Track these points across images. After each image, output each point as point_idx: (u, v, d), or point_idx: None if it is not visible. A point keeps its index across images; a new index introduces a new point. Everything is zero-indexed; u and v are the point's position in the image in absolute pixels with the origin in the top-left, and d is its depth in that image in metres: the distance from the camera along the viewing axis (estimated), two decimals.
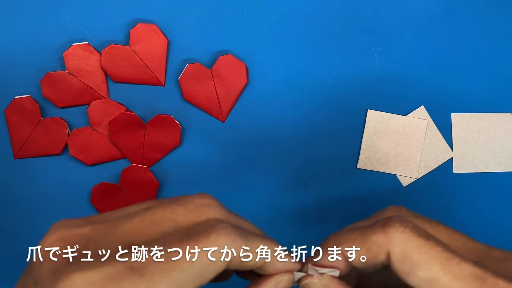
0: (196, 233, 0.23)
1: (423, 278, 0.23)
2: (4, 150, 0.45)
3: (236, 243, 0.23)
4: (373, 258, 0.25)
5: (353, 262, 0.26)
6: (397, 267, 0.24)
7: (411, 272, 0.23)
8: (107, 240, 0.23)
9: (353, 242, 0.25)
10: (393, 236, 0.24)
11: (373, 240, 0.25)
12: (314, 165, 0.45)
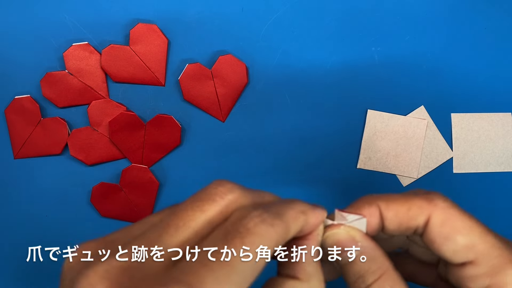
0: (236, 230, 0.21)
1: (462, 243, 0.24)
2: (4, 150, 0.45)
3: (277, 237, 0.22)
4: (410, 220, 0.25)
5: (386, 222, 0.26)
6: (436, 231, 0.25)
7: (451, 236, 0.24)
8: (146, 265, 0.21)
9: (394, 200, 0.26)
10: (437, 202, 0.25)
11: (415, 202, 0.25)
12: (314, 165, 0.45)
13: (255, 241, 0.21)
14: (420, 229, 0.25)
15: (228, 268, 0.20)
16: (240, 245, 0.21)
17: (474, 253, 0.24)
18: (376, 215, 0.26)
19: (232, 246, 0.21)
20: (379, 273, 0.25)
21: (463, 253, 0.24)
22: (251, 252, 0.21)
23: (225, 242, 0.21)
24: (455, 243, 0.24)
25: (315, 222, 0.25)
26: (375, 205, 0.26)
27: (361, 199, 0.27)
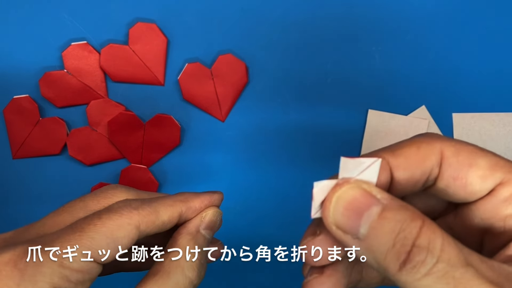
0: (101, 210, 0.25)
1: (485, 165, 0.21)
2: (3, 150, 0.45)
3: (140, 211, 0.24)
4: (424, 161, 0.22)
5: (398, 173, 0.22)
6: (454, 162, 0.22)
7: (472, 162, 0.21)
8: (26, 236, 0.26)
9: (399, 146, 0.22)
10: (441, 137, 0.22)
11: (423, 140, 0.22)
12: (314, 165, 0.45)
13: (115, 218, 0.23)
14: (435, 170, 0.22)
15: (80, 234, 0.23)
16: (98, 220, 0.23)
17: (501, 170, 0.21)
18: (385, 167, 0.21)
19: (91, 220, 0.24)
20: (420, 219, 0.19)
21: (491, 175, 0.21)
22: (111, 226, 0.23)
23: (85, 219, 0.24)
24: (480, 167, 0.21)
25: (198, 206, 0.27)
26: (379, 155, 0.22)
27: (363, 155, 0.22)
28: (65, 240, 0.23)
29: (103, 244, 0.23)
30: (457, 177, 0.21)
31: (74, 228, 0.23)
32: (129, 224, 0.24)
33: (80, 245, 0.23)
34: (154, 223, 0.25)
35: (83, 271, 0.23)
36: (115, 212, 0.24)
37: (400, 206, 0.20)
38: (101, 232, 0.23)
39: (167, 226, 0.26)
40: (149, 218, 0.25)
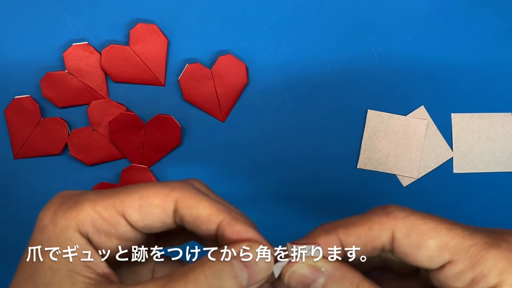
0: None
1: (434, 246, 0.23)
2: (4, 150, 0.45)
3: (184, 191, 0.24)
4: (375, 240, 0.24)
5: (346, 249, 0.25)
6: (404, 243, 0.24)
7: (421, 243, 0.23)
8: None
9: (352, 224, 0.25)
10: (395, 214, 0.24)
11: (375, 220, 0.24)
12: (314, 165, 0.45)
13: (156, 187, 0.25)
14: (387, 246, 0.24)
15: (125, 192, 0.25)
16: (145, 184, 0.25)
17: (449, 252, 0.23)
18: (336, 243, 0.25)
19: (143, 183, 0.25)
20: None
21: (438, 255, 0.23)
22: (149, 190, 0.24)
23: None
24: (428, 249, 0.23)
25: (237, 230, 0.24)
26: (333, 233, 0.25)
27: (318, 228, 0.26)
28: (108, 192, 0.24)
29: (135, 205, 0.24)
30: (408, 255, 0.24)
31: (122, 187, 0.25)
32: (167, 196, 0.24)
33: (116, 198, 0.24)
34: (191, 209, 0.24)
35: (110, 223, 0.24)
36: (163, 183, 0.25)
37: (341, 277, 0.24)
38: (139, 192, 0.24)
39: (202, 226, 0.24)
40: (189, 201, 0.24)
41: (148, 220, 0.24)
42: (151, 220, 0.24)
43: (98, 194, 0.24)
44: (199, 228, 0.25)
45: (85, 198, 0.24)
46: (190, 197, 0.24)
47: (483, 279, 0.23)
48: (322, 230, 0.25)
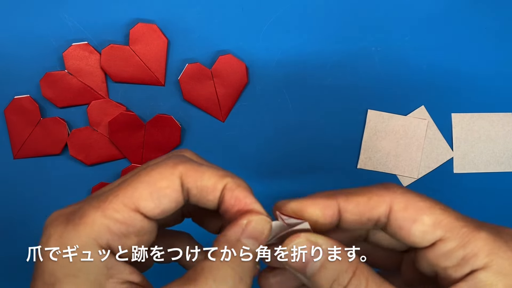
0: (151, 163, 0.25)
1: (429, 222, 0.24)
2: (4, 150, 0.45)
3: (186, 164, 0.24)
4: (372, 210, 0.25)
5: (347, 214, 0.25)
6: (400, 216, 0.24)
7: (417, 217, 0.24)
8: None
9: (353, 193, 0.25)
10: (394, 189, 0.25)
11: (375, 191, 0.25)
12: (314, 165, 0.45)
13: (159, 168, 0.24)
14: (382, 219, 0.25)
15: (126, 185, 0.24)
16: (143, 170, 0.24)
17: (442, 229, 0.24)
18: (333, 207, 0.25)
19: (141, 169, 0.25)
20: (352, 270, 0.24)
21: (432, 232, 0.24)
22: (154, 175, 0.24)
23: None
24: (422, 224, 0.24)
25: (244, 197, 0.25)
26: (333, 197, 0.25)
27: (319, 192, 0.26)
28: (110, 192, 0.23)
29: (146, 195, 0.23)
30: (402, 228, 0.25)
31: (122, 182, 0.24)
32: (172, 174, 0.24)
33: (123, 195, 0.23)
34: (196, 182, 0.24)
35: (126, 223, 0.23)
36: (162, 162, 0.24)
37: (340, 255, 0.24)
38: (144, 181, 0.23)
39: (209, 196, 0.25)
40: (193, 174, 0.24)
41: (163, 205, 0.24)
42: (165, 204, 0.24)
43: (101, 199, 0.23)
44: (206, 198, 0.25)
45: (90, 208, 0.23)
46: (193, 169, 0.24)
47: (472, 258, 0.23)
48: (322, 194, 0.26)
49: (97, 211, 0.23)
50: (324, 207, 0.25)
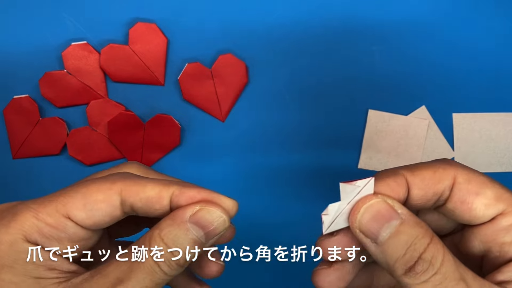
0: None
1: (491, 195, 0.24)
2: (3, 150, 0.45)
3: (126, 180, 0.24)
4: (438, 183, 0.25)
5: (414, 189, 0.25)
6: (464, 188, 0.25)
7: (480, 190, 0.24)
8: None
9: (418, 167, 0.25)
10: (456, 163, 0.26)
11: (439, 165, 0.25)
12: (315, 165, 0.45)
13: (98, 182, 0.25)
14: (446, 193, 0.25)
15: (63, 197, 0.25)
16: (83, 183, 0.25)
17: (504, 202, 0.24)
18: (403, 183, 0.25)
19: (81, 182, 0.26)
20: (429, 237, 0.23)
21: (494, 205, 0.24)
22: (91, 188, 0.24)
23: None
24: (485, 197, 0.24)
25: (194, 196, 0.24)
26: (400, 173, 0.25)
27: (382, 171, 0.26)
28: (47, 198, 0.24)
29: (79, 205, 0.24)
30: (464, 202, 0.25)
31: (61, 190, 0.25)
32: (109, 189, 0.24)
33: (57, 202, 0.24)
34: (138, 194, 0.24)
35: (58, 228, 0.24)
36: (103, 178, 0.25)
37: (415, 222, 0.23)
38: (80, 192, 0.24)
39: (155, 205, 0.24)
40: (133, 188, 0.24)
41: (95, 217, 0.24)
42: (98, 217, 0.24)
43: (37, 202, 0.24)
44: (153, 209, 0.24)
45: (24, 208, 0.24)
46: (133, 183, 0.24)
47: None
48: (388, 171, 0.25)
49: (30, 211, 0.24)
50: (397, 184, 0.25)
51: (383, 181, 0.25)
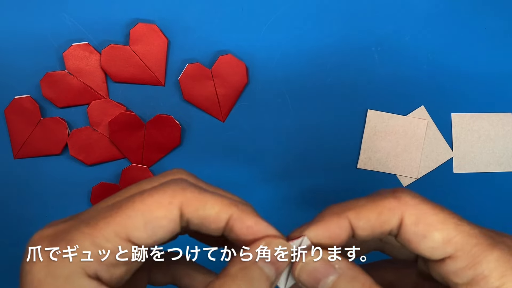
0: (147, 188, 0.23)
1: (439, 239, 0.23)
2: (4, 150, 0.45)
3: (186, 192, 0.23)
4: (383, 224, 0.24)
5: (359, 231, 0.24)
6: (411, 231, 0.24)
7: (427, 234, 0.23)
8: (77, 216, 0.24)
9: (362, 207, 0.24)
10: (406, 200, 0.24)
11: (385, 204, 0.24)
12: (314, 165, 0.45)
13: (157, 195, 0.22)
14: (394, 231, 0.24)
15: (117, 211, 0.22)
16: (139, 196, 0.22)
17: (452, 247, 0.23)
18: (346, 227, 0.24)
19: (134, 197, 0.23)
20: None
21: (441, 248, 0.23)
22: (148, 202, 0.22)
23: (129, 196, 0.23)
24: (432, 240, 0.23)
25: (252, 225, 0.24)
26: (343, 216, 0.24)
27: (328, 210, 0.25)
28: (101, 217, 0.22)
29: (140, 225, 0.22)
30: (411, 242, 0.24)
31: (114, 205, 0.22)
32: (170, 203, 0.22)
33: (114, 222, 0.21)
34: (198, 212, 0.23)
35: (117, 252, 0.22)
36: (160, 189, 0.22)
37: (352, 277, 0.23)
38: (139, 209, 0.22)
39: (211, 225, 0.23)
40: (194, 204, 0.22)
41: (157, 236, 0.22)
42: (160, 235, 0.22)
43: (92, 225, 0.22)
44: (208, 227, 0.23)
45: (79, 235, 0.22)
46: (194, 198, 0.23)
47: (484, 280, 0.23)
48: (333, 212, 0.25)
49: (86, 238, 0.21)
50: (339, 227, 0.24)
51: (324, 227, 0.24)
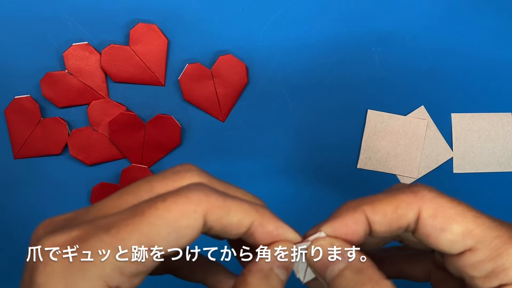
0: (168, 193, 0.22)
1: (458, 232, 0.23)
2: (4, 150, 0.45)
3: (210, 199, 0.22)
4: (400, 218, 0.23)
5: (376, 226, 0.24)
6: (429, 225, 0.23)
7: (446, 226, 0.23)
8: (85, 217, 0.22)
9: (379, 202, 0.24)
10: (423, 193, 0.24)
11: (402, 198, 0.24)
12: (314, 165, 0.45)
13: (181, 203, 0.21)
14: (411, 226, 0.24)
15: (140, 218, 0.21)
16: (162, 203, 0.21)
17: (472, 239, 0.23)
18: (363, 221, 0.24)
19: (155, 202, 0.21)
20: (370, 286, 0.23)
21: (461, 241, 0.23)
22: (172, 208, 0.21)
23: (149, 201, 0.22)
24: (451, 233, 0.23)
25: (272, 230, 0.24)
26: (360, 211, 0.24)
27: (344, 205, 0.25)
28: (123, 225, 0.21)
29: (164, 233, 0.21)
30: (429, 236, 0.23)
31: (135, 211, 0.21)
32: (195, 212, 0.21)
33: (138, 233, 0.20)
34: (222, 220, 0.22)
35: (139, 263, 0.21)
36: (183, 195, 0.21)
37: (359, 269, 0.23)
38: (163, 218, 0.21)
39: (232, 232, 0.23)
40: (218, 212, 0.22)
41: (180, 245, 0.21)
42: (182, 243, 0.21)
43: (113, 234, 0.20)
44: (229, 233, 0.23)
45: (98, 243, 0.20)
46: (218, 206, 0.22)
47: (503, 272, 0.22)
48: (349, 207, 0.24)
49: (108, 248, 0.20)
50: (355, 222, 0.24)
51: (341, 222, 0.24)
